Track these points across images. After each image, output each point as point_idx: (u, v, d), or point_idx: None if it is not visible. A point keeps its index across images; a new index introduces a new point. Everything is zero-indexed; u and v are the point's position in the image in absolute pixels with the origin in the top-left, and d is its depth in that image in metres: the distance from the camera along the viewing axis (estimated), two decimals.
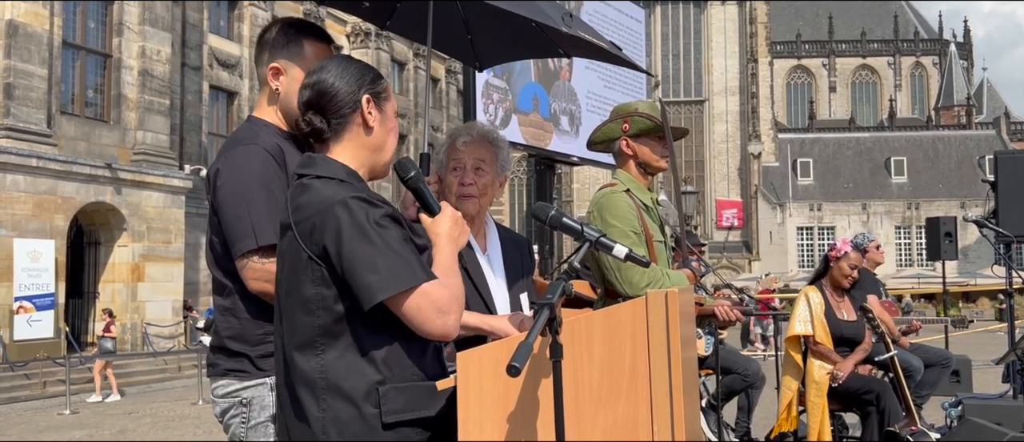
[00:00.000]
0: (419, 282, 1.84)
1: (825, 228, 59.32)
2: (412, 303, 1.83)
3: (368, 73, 2.07)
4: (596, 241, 2.11)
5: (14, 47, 17.78)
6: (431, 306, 1.84)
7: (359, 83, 2.04)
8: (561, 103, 9.28)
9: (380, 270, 1.81)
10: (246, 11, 26.70)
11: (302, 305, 1.90)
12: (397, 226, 1.89)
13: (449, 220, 2.04)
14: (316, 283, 1.88)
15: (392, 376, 1.88)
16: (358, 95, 2.03)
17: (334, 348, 1.88)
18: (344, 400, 1.86)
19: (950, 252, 13.47)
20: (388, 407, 1.86)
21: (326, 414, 1.86)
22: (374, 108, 2.05)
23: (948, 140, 63.98)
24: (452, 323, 1.87)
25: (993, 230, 6.79)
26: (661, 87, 62.71)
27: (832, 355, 5.54)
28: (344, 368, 1.87)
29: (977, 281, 46.96)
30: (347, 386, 1.86)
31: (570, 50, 3.71)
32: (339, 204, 1.86)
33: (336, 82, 2.02)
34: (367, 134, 2.04)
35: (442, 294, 1.86)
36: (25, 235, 17.70)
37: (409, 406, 1.88)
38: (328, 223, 1.86)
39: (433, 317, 1.84)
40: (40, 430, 11.81)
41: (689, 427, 2.00)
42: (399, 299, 1.83)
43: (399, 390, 1.88)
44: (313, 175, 1.97)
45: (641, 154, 3.41)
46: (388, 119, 2.08)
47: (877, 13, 71.84)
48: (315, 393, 1.88)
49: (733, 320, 3.81)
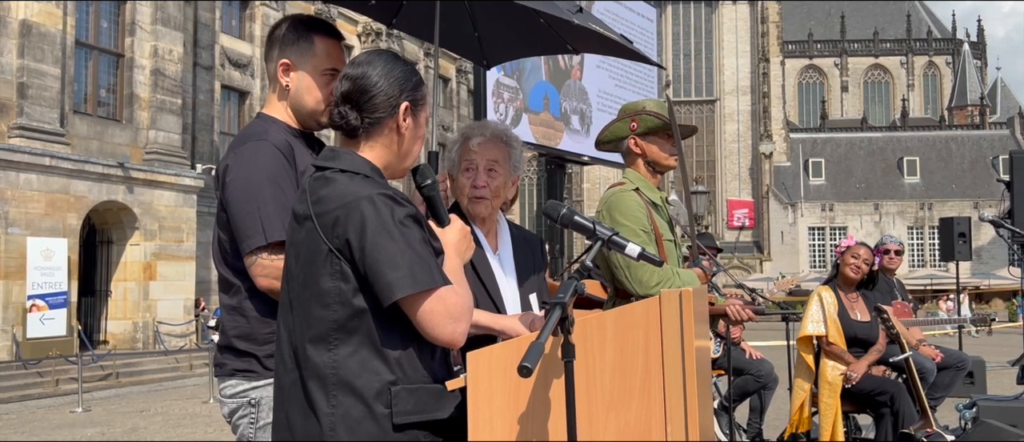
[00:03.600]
0: (437, 285, 1.83)
1: (837, 228, 59.04)
2: (427, 306, 1.82)
3: (411, 78, 2.02)
4: (609, 239, 2.08)
5: (27, 47, 17.87)
6: (444, 311, 1.83)
7: (401, 88, 1.99)
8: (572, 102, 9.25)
9: (401, 268, 1.80)
10: (258, 11, 26.78)
11: (318, 298, 1.88)
12: (418, 227, 1.88)
13: (457, 233, 2.03)
14: (334, 277, 1.86)
15: (404, 377, 1.86)
16: (398, 100, 1.99)
17: (348, 344, 1.85)
18: (355, 398, 1.83)
19: (964, 253, 13.36)
20: (399, 408, 1.84)
21: (336, 411, 1.83)
22: (410, 115, 2.01)
23: (961, 140, 63.59)
24: (461, 331, 1.85)
25: (1009, 230, 6.72)
26: (672, 86, 62.59)
27: (845, 356, 5.50)
28: (357, 365, 1.84)
29: (990, 282, 46.67)
30: (359, 384, 1.83)
31: (579, 46, 3.68)
32: (366, 199, 1.84)
33: (380, 82, 1.97)
34: (398, 139, 2.01)
35: (456, 301, 1.85)
36: (38, 234, 17.79)
37: (420, 408, 1.86)
38: (352, 217, 1.84)
39: (444, 322, 1.83)
40: (52, 428, 11.86)
41: (703, 428, 1.97)
42: (415, 301, 1.82)
43: (410, 391, 1.86)
44: (336, 169, 1.94)
45: (650, 153, 3.39)
46: (419, 127, 2.06)
47: (890, 12, 71.47)
48: (326, 388, 1.84)
49: (744, 319, 3.79)
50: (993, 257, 53.27)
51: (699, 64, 66.09)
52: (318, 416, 1.84)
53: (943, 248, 14.08)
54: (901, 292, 6.78)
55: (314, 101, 2.46)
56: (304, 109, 2.48)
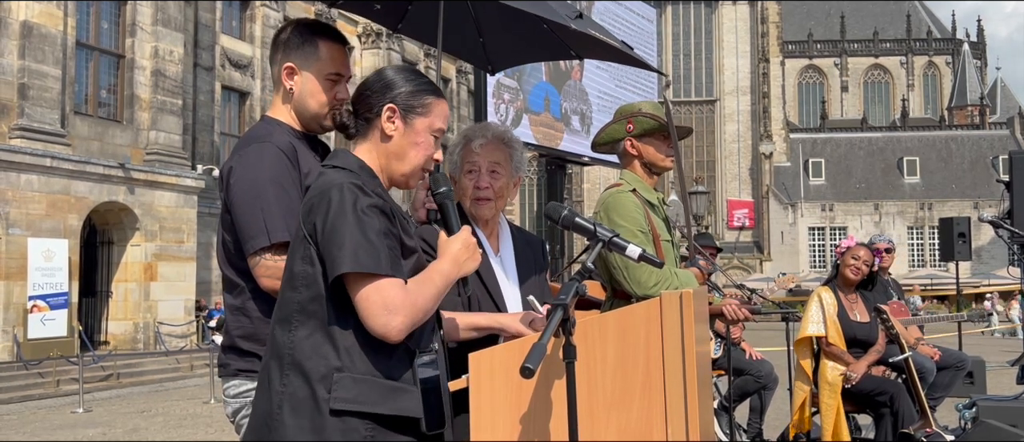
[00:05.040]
0: (377, 272, 1.86)
1: (837, 228, 59.02)
2: (364, 292, 1.86)
3: (407, 86, 2.09)
4: (609, 241, 2.10)
5: (28, 48, 17.88)
6: (380, 301, 1.85)
7: (389, 91, 2.08)
8: (572, 103, 9.27)
9: (346, 248, 1.86)
10: (258, 12, 26.79)
11: (289, 281, 1.98)
12: (382, 218, 1.92)
13: (461, 243, 2.03)
14: (305, 260, 1.94)
15: (351, 366, 1.89)
16: (382, 102, 2.07)
17: (305, 327, 1.92)
18: (303, 379, 1.89)
19: (963, 253, 13.37)
20: (338, 394, 1.87)
21: (285, 389, 1.90)
22: (398, 119, 2.07)
23: (961, 140, 63.57)
24: (395, 325, 1.86)
25: (1008, 230, 6.73)
26: (672, 87, 62.59)
27: (845, 356, 5.51)
28: (310, 348, 1.90)
29: (990, 282, 46.65)
30: (308, 366, 1.89)
31: (581, 51, 3.70)
32: (335, 187, 1.92)
33: (374, 84, 2.10)
34: (384, 140, 2.08)
35: (396, 294, 1.87)
36: (39, 234, 17.80)
37: (360, 398, 1.88)
38: (321, 203, 1.92)
39: (378, 312, 1.85)
40: (53, 428, 11.87)
41: (703, 428, 1.99)
42: (355, 284, 1.87)
43: (354, 381, 1.88)
44: (330, 165, 2.05)
45: (646, 154, 3.40)
46: (415, 133, 2.08)
47: (889, 12, 71.45)
48: (281, 367, 1.92)
49: (741, 319, 3.80)
50: (993, 257, 53.27)
51: (699, 64, 66.07)
52: (271, 393, 1.92)
53: (943, 248, 14.10)
54: (897, 291, 6.80)
55: (317, 104, 2.49)
56: (307, 112, 2.51)
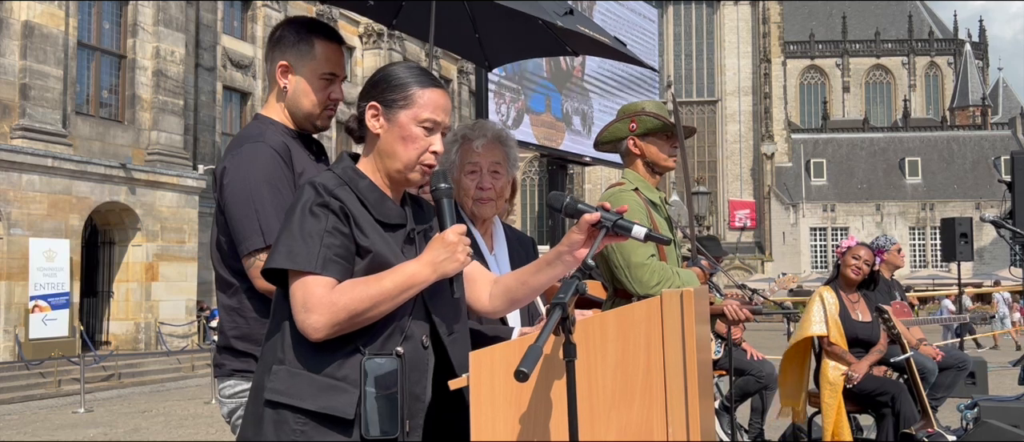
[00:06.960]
0: (303, 269, 1.88)
1: (838, 229, 58.99)
2: (292, 289, 1.90)
3: (392, 81, 2.05)
4: (614, 225, 2.02)
5: (30, 48, 17.89)
6: (301, 298, 1.87)
7: (374, 91, 2.06)
8: (573, 103, 9.25)
9: (280, 243, 1.92)
10: (259, 12, 26.80)
11: None
12: (331, 217, 1.91)
13: (441, 244, 1.96)
14: None
15: (290, 359, 1.92)
16: (366, 102, 2.07)
17: (273, 321, 2.00)
18: (263, 368, 1.97)
19: (966, 253, 13.36)
20: (272, 385, 1.91)
21: (256, 377, 2.00)
22: (381, 116, 2.05)
23: (963, 140, 63.52)
24: (310, 323, 1.86)
25: (1010, 230, 6.72)
26: (673, 87, 62.54)
27: (847, 356, 5.50)
28: (271, 342, 1.98)
29: (990, 282, 46.55)
30: (266, 358, 1.97)
31: (578, 48, 3.69)
32: (308, 184, 1.96)
33: (365, 85, 2.12)
34: (375, 139, 2.06)
35: (316, 293, 1.87)
36: (40, 234, 17.81)
37: (290, 391, 1.90)
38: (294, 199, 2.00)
39: (297, 309, 1.88)
40: (55, 428, 11.87)
41: (704, 429, 1.97)
42: (290, 280, 1.90)
43: (290, 374, 1.91)
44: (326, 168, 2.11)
45: (648, 153, 3.39)
46: (400, 128, 2.03)
47: (891, 13, 71.43)
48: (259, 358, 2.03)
49: (742, 319, 3.79)
50: (995, 257, 53.21)
51: (700, 65, 66.04)
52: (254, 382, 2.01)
53: (945, 248, 14.09)
54: (900, 292, 6.79)
55: (311, 104, 2.47)
56: (300, 111, 2.49)
